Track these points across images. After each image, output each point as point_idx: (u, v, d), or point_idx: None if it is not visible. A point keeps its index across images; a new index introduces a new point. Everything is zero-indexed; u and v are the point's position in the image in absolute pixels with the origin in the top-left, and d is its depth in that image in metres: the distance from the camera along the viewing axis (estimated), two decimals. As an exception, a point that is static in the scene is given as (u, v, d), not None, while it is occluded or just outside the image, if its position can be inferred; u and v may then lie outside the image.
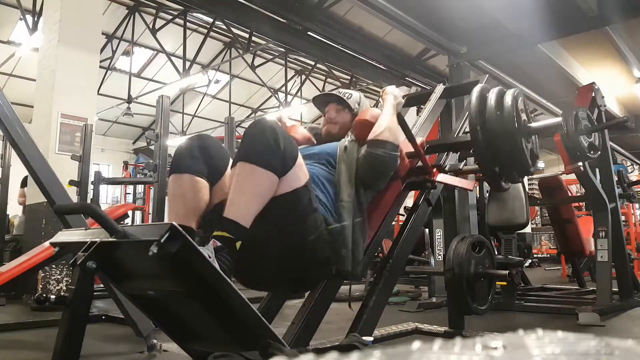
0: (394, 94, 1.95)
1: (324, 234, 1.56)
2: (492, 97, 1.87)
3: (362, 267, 1.68)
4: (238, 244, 1.36)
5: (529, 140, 1.90)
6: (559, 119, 2.08)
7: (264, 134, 1.42)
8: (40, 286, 4.18)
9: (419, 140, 1.97)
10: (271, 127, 1.44)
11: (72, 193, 4.18)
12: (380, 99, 2.02)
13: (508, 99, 1.85)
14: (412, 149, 1.92)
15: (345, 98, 2.03)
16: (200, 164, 1.55)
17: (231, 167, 1.55)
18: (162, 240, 1.06)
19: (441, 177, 2.02)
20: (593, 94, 3.68)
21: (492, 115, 1.83)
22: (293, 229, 1.50)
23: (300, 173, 1.51)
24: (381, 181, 1.80)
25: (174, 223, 1.09)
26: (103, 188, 6.86)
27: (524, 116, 1.89)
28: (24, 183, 5.39)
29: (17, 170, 4.36)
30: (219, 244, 1.34)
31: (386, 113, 1.85)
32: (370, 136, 1.77)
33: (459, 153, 2.25)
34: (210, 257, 1.26)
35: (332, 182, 1.71)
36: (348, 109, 2.02)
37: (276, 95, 12.63)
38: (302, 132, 2.10)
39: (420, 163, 2.00)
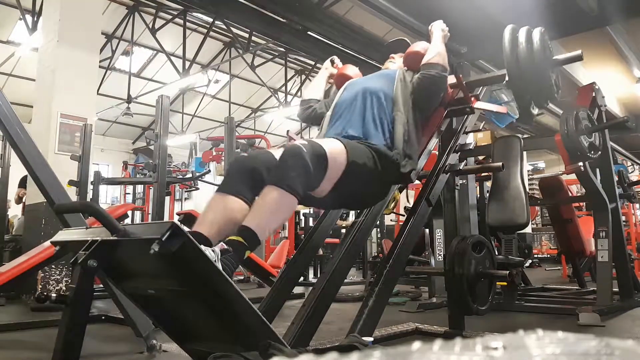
0: (441, 27, 2.22)
1: (387, 159, 1.82)
2: (522, 34, 2.16)
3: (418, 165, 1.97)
4: (247, 253, 1.40)
5: (553, 70, 2.23)
6: (579, 51, 2.26)
7: (294, 161, 1.51)
8: (40, 286, 4.18)
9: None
10: (300, 156, 1.51)
11: (72, 193, 4.18)
12: (429, 32, 2.28)
13: (536, 35, 2.15)
14: (454, 81, 2.21)
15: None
16: (247, 189, 1.58)
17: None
18: (163, 239, 1.05)
19: (479, 104, 2.26)
20: (593, 94, 3.68)
21: (523, 49, 2.13)
22: (369, 177, 1.77)
23: (339, 159, 1.66)
24: (433, 100, 2.08)
25: (175, 221, 1.09)
26: (102, 188, 6.87)
27: (548, 50, 2.19)
28: (21, 183, 5.39)
29: (17, 170, 4.36)
30: (226, 247, 1.34)
31: (436, 42, 2.14)
32: (424, 60, 2.06)
33: (459, 154, 2.28)
34: (213, 259, 1.26)
35: (390, 96, 2.00)
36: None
37: (276, 95, 12.62)
38: (355, 71, 2.41)
39: (461, 94, 2.24)
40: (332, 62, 2.48)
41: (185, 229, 1.13)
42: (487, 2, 5.19)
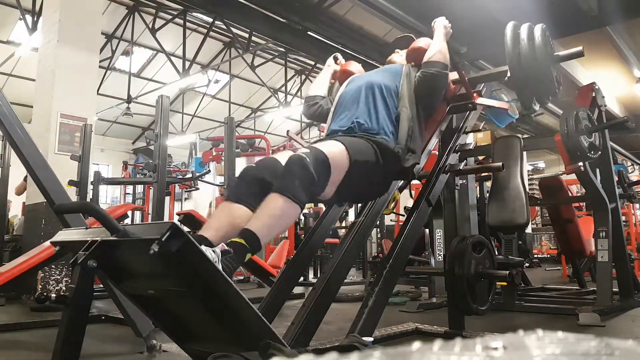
0: (443, 24, 2.24)
1: (391, 154, 1.83)
2: (524, 31, 2.18)
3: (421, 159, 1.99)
4: (247, 256, 1.41)
5: (554, 67, 2.24)
6: (580, 47, 2.28)
7: (298, 171, 1.53)
8: (40, 286, 4.18)
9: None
10: (304, 166, 1.53)
11: (72, 193, 4.18)
12: (432, 29, 2.28)
13: (538, 32, 2.16)
14: (456, 77, 2.22)
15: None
16: (253, 197, 1.61)
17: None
18: (163, 239, 1.05)
19: (481, 100, 2.27)
20: (593, 94, 3.68)
21: (525, 45, 2.15)
22: (372, 173, 1.80)
23: (341, 162, 1.67)
24: (435, 97, 2.09)
25: (175, 222, 1.09)
26: (102, 188, 6.87)
27: (549, 47, 2.22)
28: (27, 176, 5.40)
29: (17, 170, 4.36)
30: (226, 247, 1.35)
31: (438, 39, 2.16)
32: (425, 58, 2.08)
33: (459, 154, 2.27)
34: (214, 259, 1.27)
35: (396, 92, 2.02)
36: None
37: (276, 95, 12.63)
38: (358, 67, 2.41)
39: (463, 90, 2.27)
40: (336, 59, 2.48)
41: (185, 228, 1.13)
42: (487, 2, 5.19)
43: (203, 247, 1.24)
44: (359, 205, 3.02)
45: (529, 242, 9.02)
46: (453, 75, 2.25)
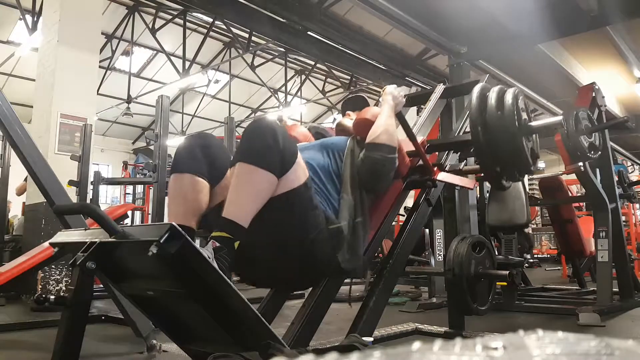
0: (392, 94, 1.94)
1: (324, 232, 1.55)
2: (492, 96, 1.88)
3: (363, 265, 1.69)
4: (236, 244, 1.36)
5: (529, 139, 1.91)
6: (559, 117, 2.09)
7: (263, 134, 1.42)
8: (40, 286, 4.18)
9: (419, 139, 1.99)
10: (270, 127, 1.44)
11: (72, 193, 4.18)
12: (380, 99, 2.02)
13: (509, 98, 1.86)
14: (413, 148, 1.93)
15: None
16: (201, 164, 1.54)
17: (230, 167, 1.55)
18: (161, 241, 1.05)
19: (442, 176, 2.03)
20: (593, 94, 3.67)
21: (492, 115, 1.84)
22: (293, 227, 1.51)
23: (300, 172, 1.51)
24: (381, 184, 1.80)
25: (173, 223, 1.09)
26: (102, 188, 6.86)
27: (524, 115, 1.90)
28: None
29: (17, 170, 4.36)
30: (217, 244, 1.34)
31: (384, 115, 1.84)
32: (368, 139, 1.77)
33: (459, 153, 2.25)
34: (209, 258, 1.26)
35: (337, 174, 1.74)
36: None
37: (276, 95, 12.63)
38: (303, 131, 2.14)
39: (421, 162, 2.02)
40: (280, 121, 2.29)
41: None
42: (487, 2, 5.19)
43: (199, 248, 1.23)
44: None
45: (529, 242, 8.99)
46: (408, 146, 1.94)
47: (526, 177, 4.56)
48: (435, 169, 2.04)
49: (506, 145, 1.83)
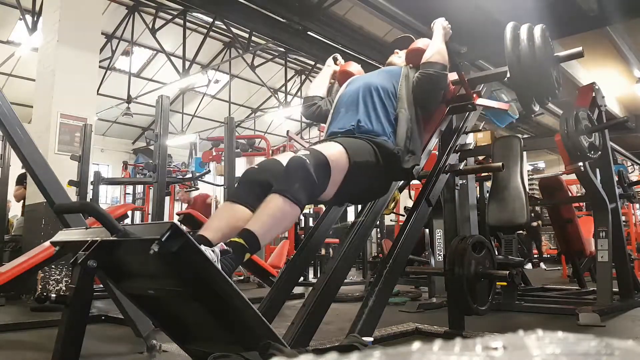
0: (442, 24, 2.20)
1: (392, 152, 1.82)
2: (524, 31, 2.16)
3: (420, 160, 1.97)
4: (247, 256, 1.42)
5: (554, 67, 2.23)
6: (579, 48, 2.28)
7: (297, 172, 1.53)
8: (40, 286, 4.18)
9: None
10: (304, 167, 1.54)
11: (72, 193, 4.18)
12: (431, 30, 2.24)
13: (537, 32, 2.14)
14: (456, 78, 2.21)
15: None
16: (255, 198, 1.61)
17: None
18: (163, 239, 1.05)
19: (480, 101, 2.25)
20: (593, 94, 3.68)
21: (525, 46, 2.12)
22: (372, 174, 1.80)
23: (338, 165, 1.66)
24: (433, 98, 2.07)
25: (174, 222, 1.10)
26: (102, 188, 6.87)
27: (549, 48, 2.20)
28: (19, 181, 5.40)
29: (17, 170, 4.37)
30: (225, 247, 1.35)
31: (436, 39, 2.12)
32: (423, 60, 2.04)
33: (459, 154, 2.27)
34: (214, 259, 1.27)
35: (394, 94, 2.00)
36: None
37: (276, 95, 12.63)
38: (357, 68, 2.40)
39: (463, 90, 2.24)
40: (335, 59, 2.47)
41: (184, 228, 1.13)
42: (487, 2, 5.19)
43: (202, 247, 1.23)
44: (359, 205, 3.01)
45: (528, 242, 8.99)
46: (452, 76, 2.22)
47: (526, 177, 4.56)
48: (475, 95, 2.22)
49: (536, 72, 2.13)
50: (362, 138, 1.85)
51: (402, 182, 2.18)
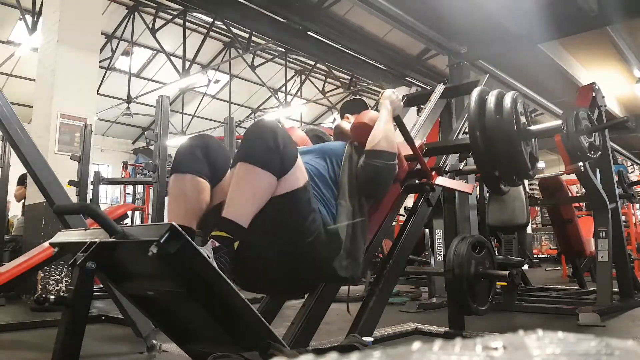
0: (390, 98, 1.91)
1: (322, 235, 1.54)
2: (491, 99, 1.85)
3: (362, 269, 1.68)
4: (236, 244, 1.36)
5: (528, 143, 1.88)
6: (559, 122, 2.07)
7: (264, 135, 1.42)
8: (40, 286, 4.18)
9: (417, 142, 1.98)
10: (271, 128, 1.44)
11: (72, 193, 4.18)
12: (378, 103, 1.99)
13: (507, 102, 1.83)
14: (411, 152, 1.92)
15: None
16: (202, 164, 1.54)
17: (230, 168, 1.56)
18: (161, 241, 1.05)
19: (440, 181, 2.01)
20: (593, 94, 3.68)
21: (491, 119, 1.82)
22: (291, 229, 1.49)
23: (299, 174, 1.50)
24: (381, 191, 1.79)
25: (173, 223, 1.09)
26: (102, 188, 6.87)
27: (523, 119, 1.87)
28: (20, 181, 5.40)
29: (17, 170, 4.36)
30: (217, 244, 1.34)
31: (382, 120, 1.81)
32: (368, 146, 1.75)
33: (459, 154, 2.25)
34: (209, 257, 1.26)
35: (335, 181, 1.71)
36: None
37: (276, 95, 12.63)
38: (300, 135, 2.11)
39: (419, 166, 2.00)
40: (279, 122, 2.21)
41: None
42: (487, 1, 5.19)
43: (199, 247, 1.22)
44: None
45: (528, 242, 8.99)
46: (406, 150, 1.92)
47: (526, 177, 4.55)
48: (434, 173, 2.02)
49: (505, 150, 1.80)
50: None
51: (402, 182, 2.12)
